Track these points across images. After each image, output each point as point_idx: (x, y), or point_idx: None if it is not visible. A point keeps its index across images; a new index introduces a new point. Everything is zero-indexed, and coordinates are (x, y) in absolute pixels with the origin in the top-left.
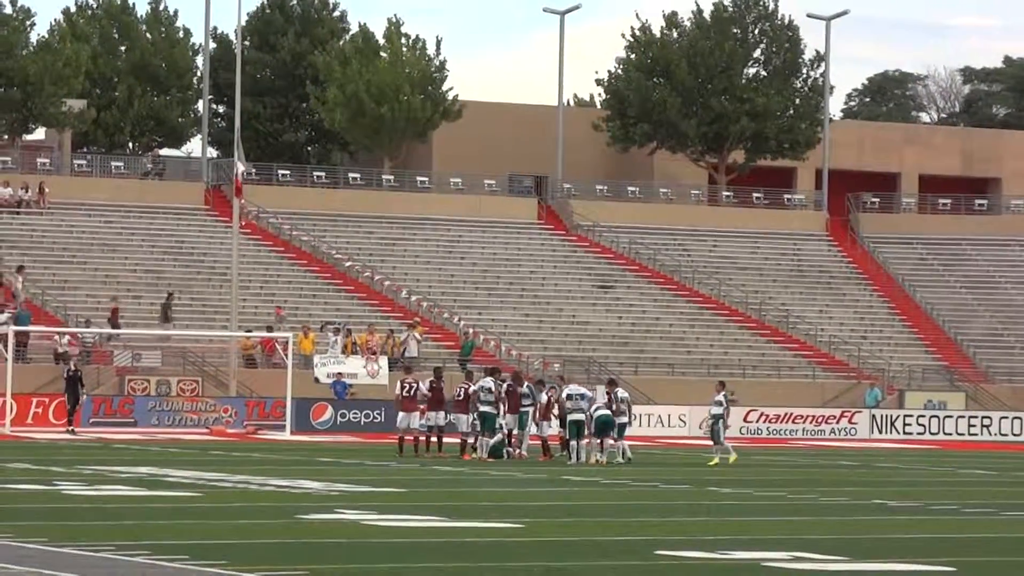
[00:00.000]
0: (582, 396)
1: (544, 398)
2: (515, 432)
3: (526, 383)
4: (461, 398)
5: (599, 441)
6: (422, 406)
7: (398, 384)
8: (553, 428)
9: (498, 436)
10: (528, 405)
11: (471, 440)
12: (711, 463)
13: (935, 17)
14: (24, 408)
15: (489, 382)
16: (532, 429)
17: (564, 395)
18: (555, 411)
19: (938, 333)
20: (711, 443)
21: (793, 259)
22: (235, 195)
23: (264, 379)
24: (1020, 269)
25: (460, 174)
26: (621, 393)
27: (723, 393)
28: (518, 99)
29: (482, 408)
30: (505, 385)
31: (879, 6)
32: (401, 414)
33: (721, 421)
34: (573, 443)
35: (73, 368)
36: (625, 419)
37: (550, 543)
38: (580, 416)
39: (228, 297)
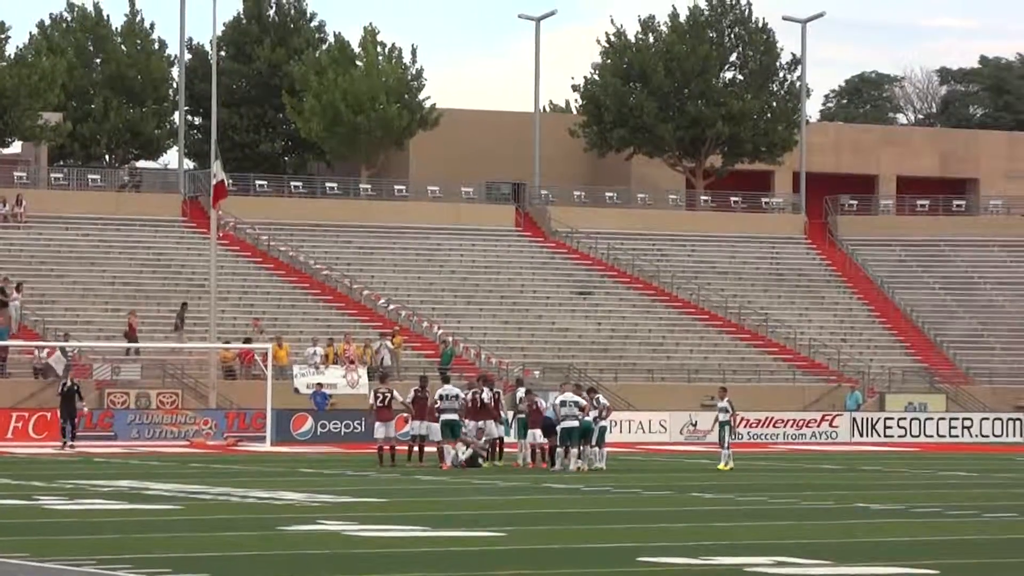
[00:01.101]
0: (575, 403)
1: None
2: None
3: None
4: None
5: (564, 449)
6: (400, 415)
7: (372, 394)
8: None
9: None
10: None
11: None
12: (724, 468)
13: (911, 18)
14: (4, 423)
15: (453, 389)
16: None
17: (557, 402)
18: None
19: (918, 335)
20: (719, 448)
21: (772, 263)
22: (212, 204)
23: (243, 390)
24: (999, 269)
25: (438, 182)
26: (602, 400)
27: (727, 399)
28: (495, 106)
29: (445, 416)
30: (493, 392)
31: (855, 8)
32: (377, 424)
33: (728, 427)
34: (560, 450)
35: (69, 382)
36: (605, 424)
37: (532, 551)
38: (573, 423)
39: (207, 309)
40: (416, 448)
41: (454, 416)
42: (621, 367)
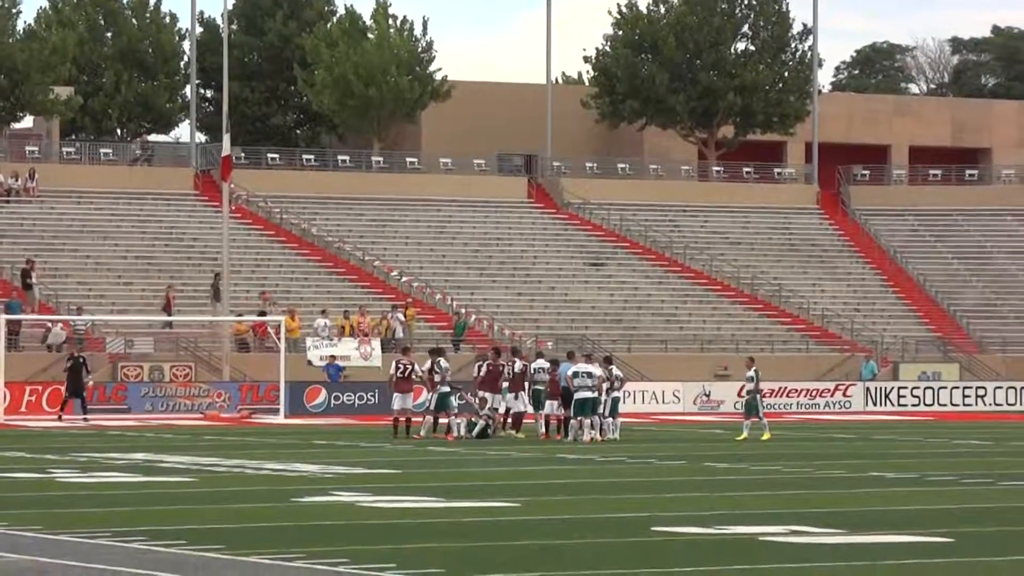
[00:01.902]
0: (589, 375)
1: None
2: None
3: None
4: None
5: (577, 420)
6: (417, 387)
7: (392, 365)
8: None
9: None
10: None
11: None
12: (743, 438)
13: None
14: (18, 396)
15: (443, 361)
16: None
17: (570, 373)
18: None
19: (931, 304)
20: (743, 418)
21: (784, 233)
22: (222, 177)
23: (257, 363)
24: (1012, 239)
25: (449, 154)
26: (615, 371)
27: (754, 368)
28: (506, 78)
29: (442, 388)
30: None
31: None
32: (396, 395)
33: (759, 396)
34: (574, 421)
35: (75, 355)
36: (619, 395)
37: (547, 522)
38: (587, 394)
39: (220, 281)
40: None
41: (589, 394)
42: (634, 338)
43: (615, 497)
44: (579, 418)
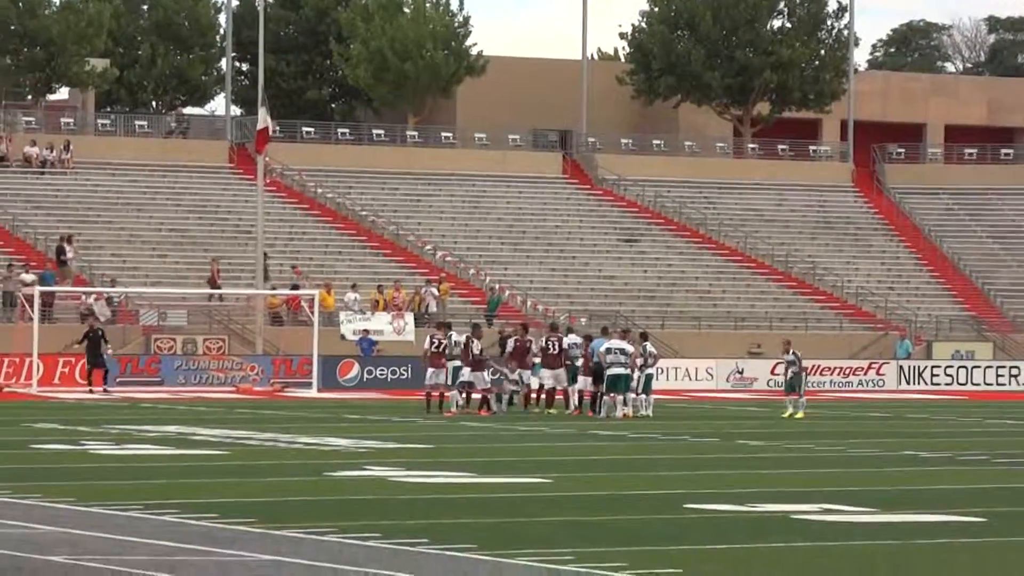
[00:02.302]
0: (622, 351)
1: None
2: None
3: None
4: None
5: (611, 396)
6: (451, 363)
7: (427, 339)
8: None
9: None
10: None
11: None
12: (789, 415)
13: None
14: (51, 368)
15: (455, 335)
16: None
17: (603, 349)
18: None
19: (965, 283)
20: (784, 395)
21: (819, 211)
22: (256, 150)
23: (290, 337)
24: None
25: (484, 129)
26: (649, 347)
27: (792, 350)
28: (542, 54)
29: (453, 363)
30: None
31: None
32: (430, 370)
33: (804, 374)
34: (607, 397)
35: (94, 327)
36: (652, 371)
37: (579, 498)
38: (620, 371)
39: (254, 255)
40: (464, 395)
41: (621, 370)
42: (668, 315)
43: (648, 474)
44: (612, 394)
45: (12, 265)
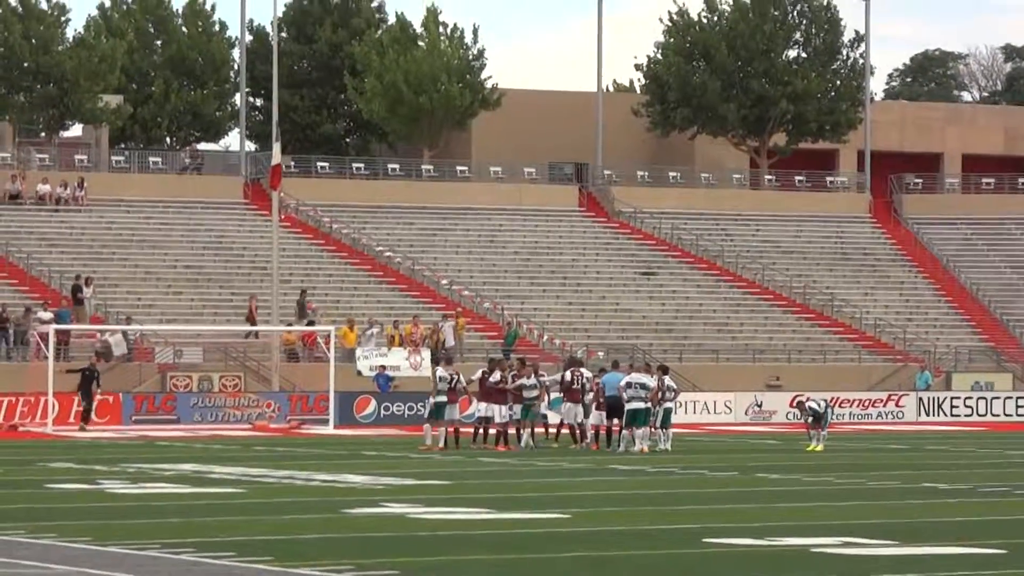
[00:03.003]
0: (642, 385)
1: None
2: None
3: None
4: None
5: (629, 430)
6: (463, 397)
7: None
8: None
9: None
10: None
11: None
12: (811, 448)
13: None
14: (66, 407)
15: (440, 370)
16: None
17: (623, 383)
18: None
19: (984, 314)
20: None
21: (837, 242)
22: (271, 186)
23: (306, 373)
24: None
25: (500, 163)
26: (668, 381)
27: (808, 404)
28: (557, 86)
29: (436, 399)
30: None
31: None
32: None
33: (829, 411)
34: (625, 431)
35: (89, 366)
36: (671, 405)
37: (597, 533)
38: (639, 405)
39: (269, 291)
40: (481, 430)
41: (640, 404)
42: (686, 347)
43: (666, 508)
44: (631, 428)
45: (30, 309)
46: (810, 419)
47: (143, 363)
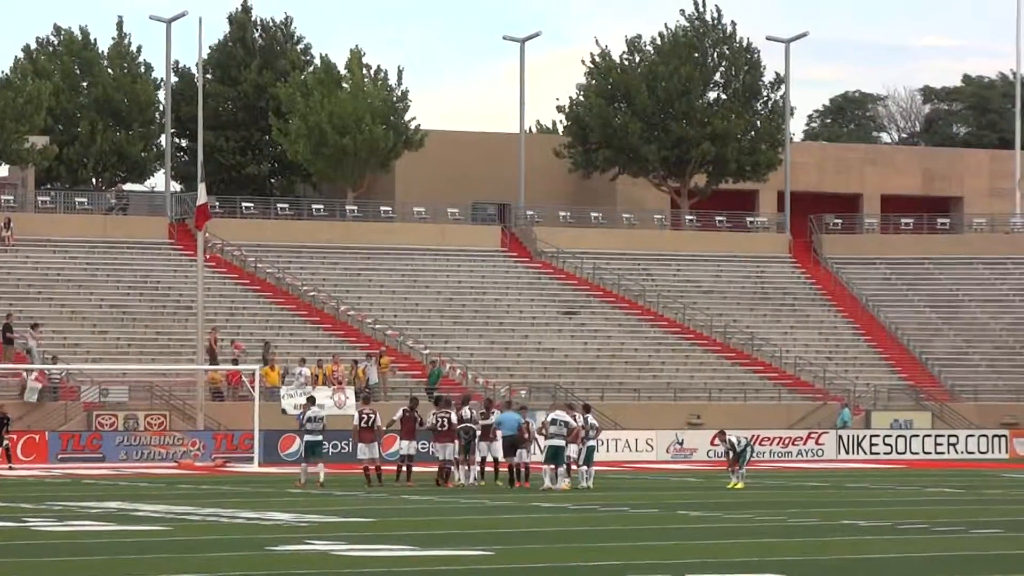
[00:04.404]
0: (564, 423)
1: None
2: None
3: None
4: (445, 428)
5: (552, 468)
6: (387, 435)
7: (356, 415)
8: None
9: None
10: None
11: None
12: (732, 486)
13: (894, 38)
14: None
15: (563, 415)
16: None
17: (549, 419)
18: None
19: (903, 353)
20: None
21: (757, 281)
22: (197, 226)
23: (231, 412)
24: (983, 287)
25: (423, 203)
26: (591, 419)
27: (728, 439)
28: (480, 127)
29: (552, 442)
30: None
31: (837, 28)
32: (361, 445)
33: (750, 449)
34: (547, 468)
35: (2, 412)
36: (593, 443)
37: (521, 570)
38: (558, 442)
39: (194, 330)
40: (404, 468)
41: (560, 442)
42: (607, 386)
43: (589, 545)
44: (552, 466)
45: None
46: (730, 453)
47: (69, 402)
